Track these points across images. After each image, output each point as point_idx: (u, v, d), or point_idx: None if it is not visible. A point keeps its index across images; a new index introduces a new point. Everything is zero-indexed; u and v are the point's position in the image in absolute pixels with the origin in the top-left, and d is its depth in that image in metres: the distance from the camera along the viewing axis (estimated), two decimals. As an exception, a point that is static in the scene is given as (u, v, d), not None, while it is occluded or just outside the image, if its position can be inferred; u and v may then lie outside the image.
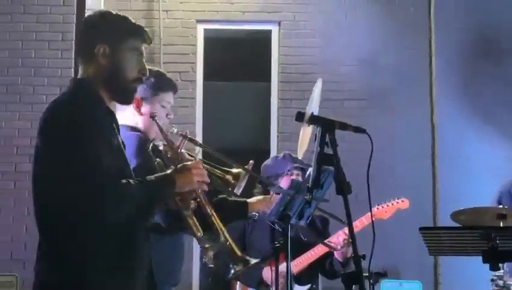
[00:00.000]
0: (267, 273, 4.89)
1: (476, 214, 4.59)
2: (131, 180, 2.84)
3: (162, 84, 3.98)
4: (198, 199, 3.20)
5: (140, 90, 3.79)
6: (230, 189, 3.91)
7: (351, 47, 7.94)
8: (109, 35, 3.02)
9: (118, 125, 3.06)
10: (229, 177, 3.77)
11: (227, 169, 3.83)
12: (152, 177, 2.94)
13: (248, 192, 4.40)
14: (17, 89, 7.18)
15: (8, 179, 7.16)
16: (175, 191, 2.97)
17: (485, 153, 7.62)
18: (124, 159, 3.01)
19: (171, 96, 4.02)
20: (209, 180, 3.15)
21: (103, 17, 3.13)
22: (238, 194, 4.11)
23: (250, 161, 4.07)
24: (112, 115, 3.03)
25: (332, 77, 7.71)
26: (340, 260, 4.91)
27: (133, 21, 3.14)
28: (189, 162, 3.11)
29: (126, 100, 3.11)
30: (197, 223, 3.21)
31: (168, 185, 2.95)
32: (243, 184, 3.95)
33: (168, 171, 3.03)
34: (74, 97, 2.94)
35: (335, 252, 4.91)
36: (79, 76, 3.06)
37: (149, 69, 3.81)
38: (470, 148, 7.71)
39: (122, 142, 3.06)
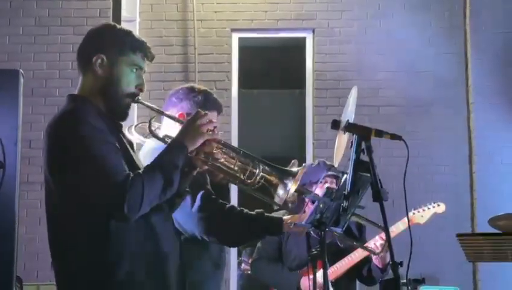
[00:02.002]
0: (305, 282, 4.89)
1: (514, 220, 4.54)
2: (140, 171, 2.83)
3: (208, 103, 3.98)
4: (221, 147, 3.05)
5: (187, 106, 3.83)
6: (272, 188, 3.90)
7: (386, 53, 7.92)
8: (109, 46, 2.98)
9: (121, 131, 3.04)
10: (272, 178, 3.76)
11: (280, 167, 3.83)
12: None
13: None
14: (55, 101, 7.27)
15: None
16: (188, 148, 2.89)
17: (523, 158, 7.56)
18: (133, 162, 2.96)
19: (215, 116, 4.02)
20: (217, 124, 3.04)
21: (106, 28, 3.10)
22: (281, 204, 4.10)
23: (293, 161, 4.06)
24: (115, 125, 2.99)
25: (368, 83, 7.71)
26: (380, 266, 4.89)
27: (137, 36, 3.08)
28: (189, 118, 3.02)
29: (118, 114, 3.02)
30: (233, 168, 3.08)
31: (178, 147, 2.89)
32: (285, 194, 3.94)
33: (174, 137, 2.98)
34: (72, 109, 2.90)
35: (373, 258, 4.90)
36: (77, 90, 3.03)
37: (198, 88, 3.80)
38: (508, 153, 7.64)
39: (132, 146, 3.05)
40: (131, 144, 3.09)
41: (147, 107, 3.11)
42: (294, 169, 3.11)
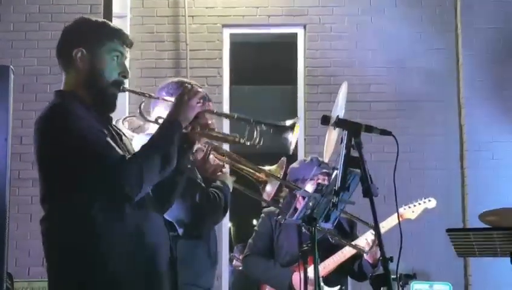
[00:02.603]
0: (297, 279, 4.89)
1: (504, 215, 4.55)
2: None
3: None
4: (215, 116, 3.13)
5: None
6: (261, 186, 3.93)
7: (378, 49, 7.93)
8: (86, 39, 2.99)
9: (110, 123, 3.03)
10: (261, 175, 3.78)
11: (260, 167, 3.85)
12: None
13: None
14: (47, 97, 7.20)
15: (38, 186, 7.24)
16: (181, 124, 2.93)
17: (514, 153, 7.58)
18: (127, 149, 2.98)
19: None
20: (204, 95, 3.07)
21: (81, 23, 3.10)
22: (269, 200, 4.12)
23: (282, 158, 4.08)
24: (103, 117, 2.99)
25: (359, 79, 7.73)
26: (370, 262, 4.90)
27: (112, 25, 3.10)
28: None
29: (106, 105, 3.02)
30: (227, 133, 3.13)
31: (171, 123, 2.92)
32: (273, 190, 3.96)
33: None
34: (62, 103, 2.91)
35: (365, 256, 4.90)
36: (62, 87, 3.03)
37: (187, 82, 3.77)
38: (498, 148, 7.66)
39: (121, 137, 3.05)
40: (120, 135, 3.08)
41: (134, 93, 3.14)
42: (289, 122, 3.16)
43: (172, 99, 3.10)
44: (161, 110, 3.46)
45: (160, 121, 3.05)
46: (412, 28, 7.94)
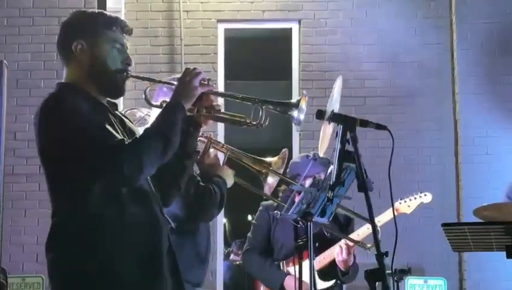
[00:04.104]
0: (290, 281, 4.89)
1: (499, 210, 4.55)
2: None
3: None
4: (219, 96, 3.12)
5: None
6: (262, 177, 3.93)
7: (372, 44, 7.93)
8: (85, 31, 2.97)
9: (114, 114, 3.01)
10: (260, 166, 3.78)
11: (261, 158, 3.85)
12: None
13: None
14: (40, 92, 7.22)
15: (32, 181, 7.24)
16: (184, 106, 2.92)
17: (508, 148, 7.58)
18: (129, 134, 2.97)
19: None
20: (204, 75, 3.04)
21: (77, 15, 3.08)
22: (270, 193, 4.12)
23: (284, 149, 4.07)
24: (102, 106, 2.98)
25: (354, 74, 7.73)
26: (341, 268, 4.90)
27: (109, 14, 3.07)
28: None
29: (114, 92, 3.03)
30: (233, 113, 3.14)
31: (174, 105, 2.91)
32: (275, 181, 3.97)
33: None
34: (59, 93, 2.91)
35: (337, 261, 4.90)
36: (63, 79, 3.03)
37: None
38: (493, 143, 7.67)
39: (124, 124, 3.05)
40: (124, 121, 3.07)
41: (140, 79, 3.13)
42: (294, 100, 3.10)
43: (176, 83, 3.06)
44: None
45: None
46: (407, 22, 7.94)
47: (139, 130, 3.11)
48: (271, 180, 4.03)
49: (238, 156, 3.90)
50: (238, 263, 7.26)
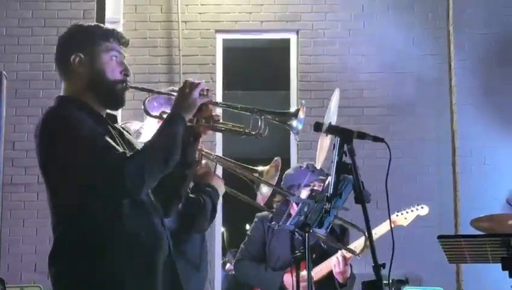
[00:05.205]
0: (288, 278, 4.89)
1: (496, 221, 4.57)
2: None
3: None
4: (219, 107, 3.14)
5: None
6: (255, 185, 3.94)
7: (370, 55, 7.95)
8: (82, 43, 3.00)
9: (113, 126, 3.03)
10: (252, 175, 3.79)
11: (253, 167, 3.86)
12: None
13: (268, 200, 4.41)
14: (39, 102, 7.24)
15: (31, 191, 7.25)
16: (184, 117, 2.93)
17: (506, 159, 7.59)
18: (129, 146, 2.98)
19: None
20: (206, 87, 3.05)
21: (74, 29, 3.11)
22: (263, 203, 4.13)
23: (276, 158, 4.08)
24: (102, 118, 3.00)
25: (352, 84, 7.75)
26: (339, 280, 4.91)
27: (105, 26, 3.11)
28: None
29: (114, 104, 3.05)
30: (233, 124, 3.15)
31: (174, 117, 2.91)
32: (268, 191, 3.97)
33: None
34: (59, 106, 2.94)
35: (334, 272, 4.91)
36: (62, 92, 3.04)
37: None
38: (490, 153, 7.68)
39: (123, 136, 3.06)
40: (123, 133, 3.08)
41: (139, 90, 3.13)
42: (293, 110, 3.11)
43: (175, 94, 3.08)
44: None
45: (165, 116, 3.05)
46: (405, 33, 7.96)
47: (138, 143, 3.13)
48: (265, 190, 4.04)
49: (229, 166, 3.92)
50: (232, 272, 7.26)
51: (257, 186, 4.03)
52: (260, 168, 4.02)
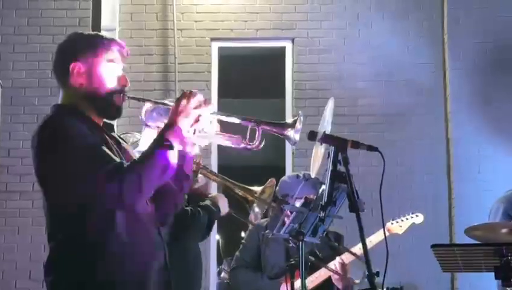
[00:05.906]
0: (285, 288, 4.89)
1: (490, 230, 4.57)
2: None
3: None
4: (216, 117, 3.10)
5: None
6: (248, 205, 3.95)
7: (365, 63, 7.97)
8: (82, 52, 3.00)
9: (110, 135, 3.03)
10: (249, 195, 3.80)
11: (248, 187, 3.87)
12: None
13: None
14: (35, 110, 7.24)
15: (26, 198, 7.24)
16: (181, 126, 2.90)
17: (501, 167, 7.60)
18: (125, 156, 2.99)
19: None
20: (201, 96, 3.01)
21: (73, 37, 3.11)
22: (255, 221, 4.14)
23: (271, 179, 4.09)
24: (99, 128, 3.00)
25: (347, 92, 7.76)
26: (340, 288, 4.92)
27: (105, 36, 3.10)
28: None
29: (112, 113, 3.05)
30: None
31: (171, 128, 2.88)
32: (261, 211, 3.99)
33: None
34: (56, 115, 2.94)
35: (333, 280, 4.91)
36: (59, 101, 3.04)
37: None
38: (485, 162, 7.70)
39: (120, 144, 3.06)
40: (119, 142, 3.09)
41: (137, 100, 3.12)
42: (290, 121, 3.07)
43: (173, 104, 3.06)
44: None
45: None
46: (400, 41, 7.98)
47: (135, 152, 3.13)
48: (257, 210, 4.06)
49: (227, 185, 3.93)
50: (227, 281, 7.25)
51: (250, 205, 4.05)
52: (255, 188, 4.03)
